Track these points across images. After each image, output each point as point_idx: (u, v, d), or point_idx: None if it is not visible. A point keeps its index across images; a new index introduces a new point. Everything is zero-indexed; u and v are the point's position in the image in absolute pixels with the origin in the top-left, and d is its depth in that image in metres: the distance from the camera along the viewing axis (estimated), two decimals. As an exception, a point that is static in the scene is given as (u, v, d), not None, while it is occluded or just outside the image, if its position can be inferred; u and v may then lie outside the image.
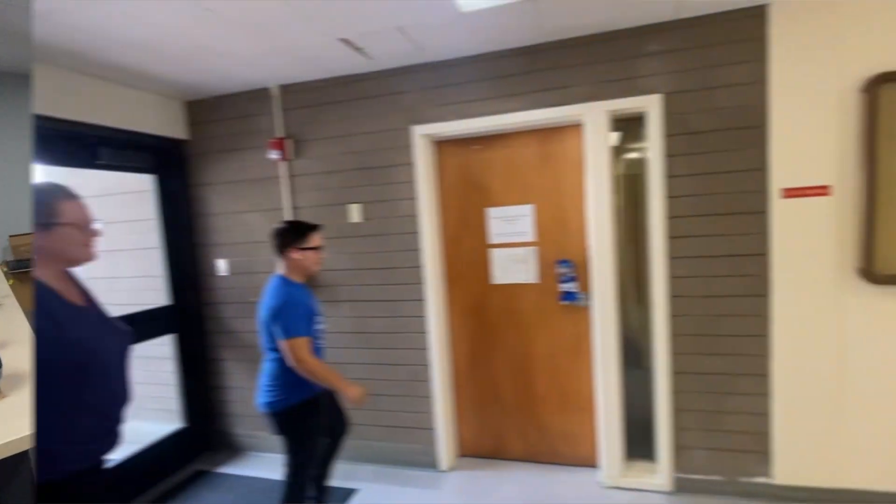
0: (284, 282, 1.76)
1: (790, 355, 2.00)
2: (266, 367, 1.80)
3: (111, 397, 1.21)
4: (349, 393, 1.73)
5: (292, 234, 1.77)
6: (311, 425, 1.79)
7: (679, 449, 2.17)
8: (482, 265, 2.44)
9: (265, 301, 1.76)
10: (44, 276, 1.12)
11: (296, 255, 1.75)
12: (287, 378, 1.72)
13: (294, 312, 1.70)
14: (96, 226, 1.19)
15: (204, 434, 2.78)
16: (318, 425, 1.81)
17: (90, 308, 1.23)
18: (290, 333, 1.66)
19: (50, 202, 1.12)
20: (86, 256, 1.18)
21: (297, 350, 1.66)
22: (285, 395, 1.74)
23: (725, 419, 2.10)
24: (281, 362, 1.71)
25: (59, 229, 1.11)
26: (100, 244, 1.20)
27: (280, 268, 1.80)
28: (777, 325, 2.00)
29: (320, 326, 1.83)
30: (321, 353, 1.81)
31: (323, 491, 1.96)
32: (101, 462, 1.20)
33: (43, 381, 1.06)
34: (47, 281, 1.12)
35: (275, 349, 1.73)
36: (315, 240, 1.79)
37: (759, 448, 2.07)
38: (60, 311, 1.12)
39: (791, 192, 1.93)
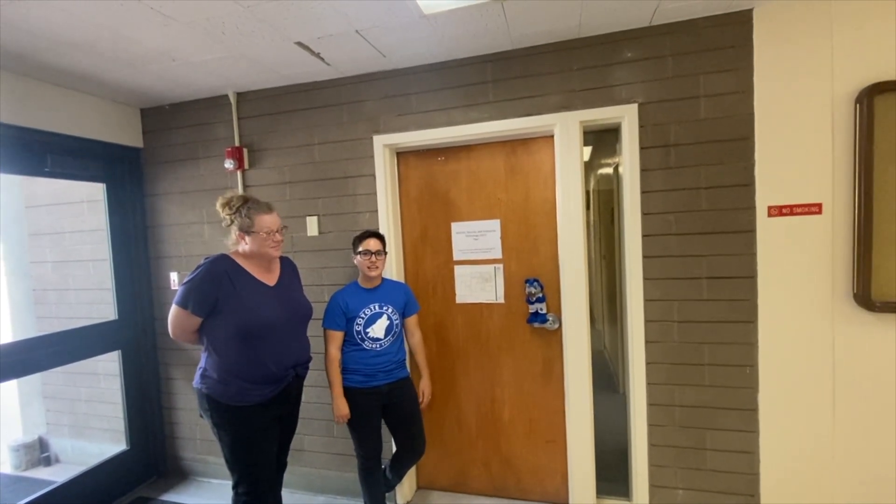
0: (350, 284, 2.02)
1: (780, 388, 1.86)
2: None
3: (279, 354, 1.65)
4: (335, 405, 1.89)
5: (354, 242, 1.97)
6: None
7: (656, 488, 2.01)
8: (445, 283, 2.31)
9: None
10: (244, 264, 1.65)
11: (355, 259, 1.96)
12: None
13: (329, 308, 1.94)
14: (278, 234, 1.67)
15: (150, 457, 2.66)
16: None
17: (276, 288, 1.70)
18: (323, 324, 1.94)
19: (252, 215, 1.62)
20: (269, 254, 1.67)
21: (325, 340, 1.94)
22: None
23: (707, 457, 1.95)
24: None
25: (255, 235, 1.63)
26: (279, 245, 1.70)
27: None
28: (765, 355, 1.85)
29: (364, 327, 1.93)
30: (366, 354, 1.92)
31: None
32: (268, 399, 1.66)
33: (234, 336, 1.57)
34: (245, 266, 1.65)
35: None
36: (366, 244, 1.93)
37: (745, 490, 1.92)
38: (248, 285, 1.63)
39: (779, 210, 1.81)
